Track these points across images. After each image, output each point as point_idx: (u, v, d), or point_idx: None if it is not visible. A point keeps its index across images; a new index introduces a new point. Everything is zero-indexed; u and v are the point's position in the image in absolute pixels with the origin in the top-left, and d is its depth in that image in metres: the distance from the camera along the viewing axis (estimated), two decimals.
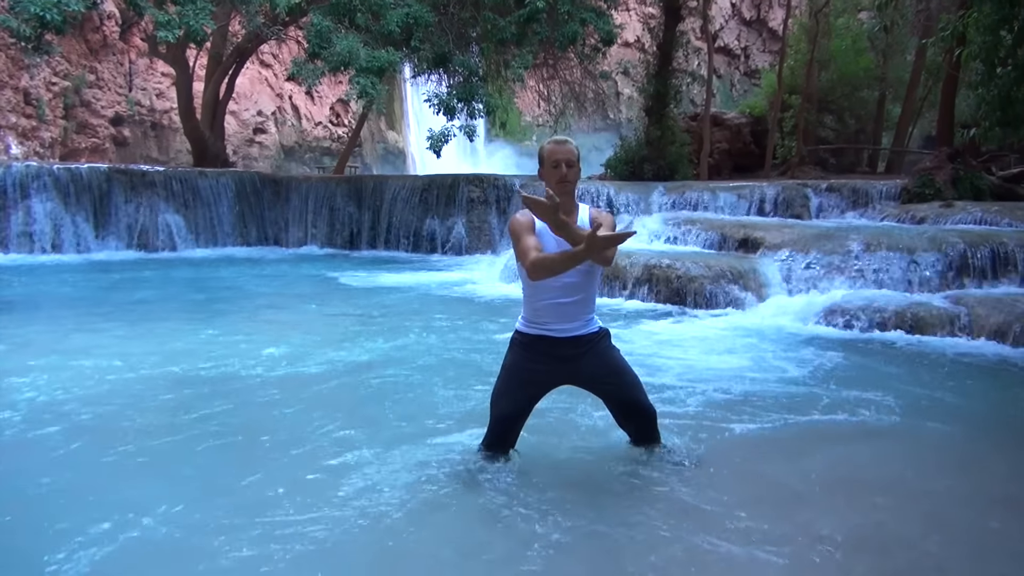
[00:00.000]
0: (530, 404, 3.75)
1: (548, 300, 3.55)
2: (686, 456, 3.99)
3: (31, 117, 21.04)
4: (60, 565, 2.86)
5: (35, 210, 13.75)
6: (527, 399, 3.72)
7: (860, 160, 23.60)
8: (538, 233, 3.41)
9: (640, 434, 3.92)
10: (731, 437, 4.46)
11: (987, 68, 10.16)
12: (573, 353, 3.62)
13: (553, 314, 3.57)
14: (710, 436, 4.43)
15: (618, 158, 17.97)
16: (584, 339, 3.62)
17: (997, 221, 10.68)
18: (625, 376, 3.74)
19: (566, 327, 3.59)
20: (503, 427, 3.75)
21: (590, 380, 3.75)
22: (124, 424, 4.52)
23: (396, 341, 7.06)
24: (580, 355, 3.63)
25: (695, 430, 4.50)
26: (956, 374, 6.32)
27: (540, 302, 3.58)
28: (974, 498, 3.69)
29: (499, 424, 3.75)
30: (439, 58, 16.27)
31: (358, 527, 3.22)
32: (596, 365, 3.66)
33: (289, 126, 29.93)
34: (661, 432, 3.95)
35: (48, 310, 8.85)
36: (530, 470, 3.77)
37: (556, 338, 3.60)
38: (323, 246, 16.87)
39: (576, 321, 3.59)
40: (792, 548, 3.12)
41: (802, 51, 22.68)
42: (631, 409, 3.82)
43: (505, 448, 3.81)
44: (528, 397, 3.72)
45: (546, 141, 3.57)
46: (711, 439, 4.38)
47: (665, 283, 9.57)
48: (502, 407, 3.72)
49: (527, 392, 3.71)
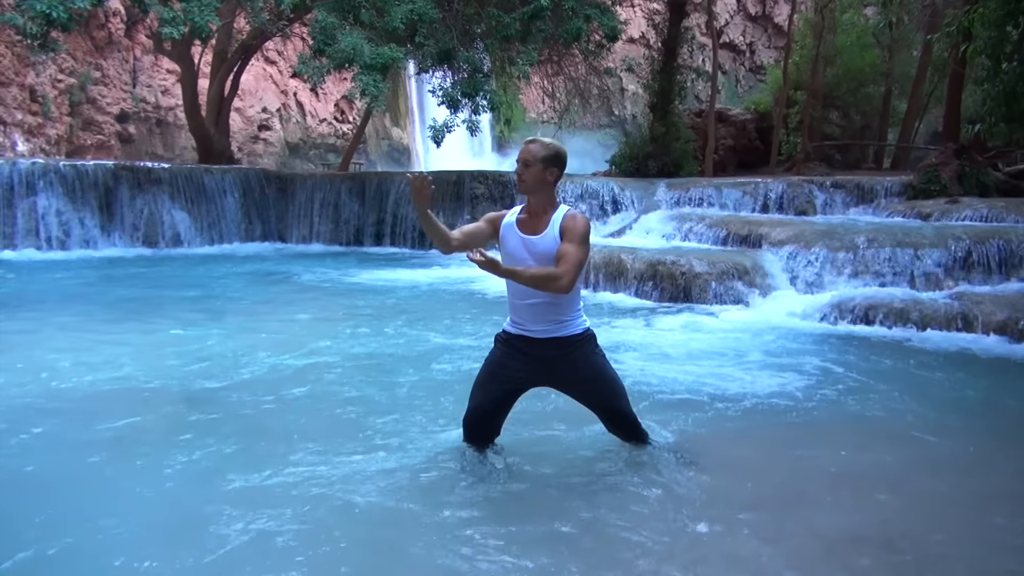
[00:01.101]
0: (505, 400, 3.77)
1: (518, 300, 3.60)
2: (684, 452, 3.99)
3: (37, 114, 21.08)
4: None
5: (41, 207, 13.77)
6: (502, 394, 3.74)
7: (865, 156, 23.53)
8: (502, 228, 3.61)
9: (625, 436, 3.93)
10: (734, 433, 4.47)
11: (993, 64, 10.13)
12: (551, 355, 3.61)
13: (526, 314, 3.60)
14: (712, 432, 4.44)
15: (623, 154, 17.96)
16: (562, 341, 3.59)
17: (1003, 217, 10.65)
18: (602, 383, 3.71)
19: (540, 328, 3.59)
20: (475, 419, 3.81)
21: (566, 384, 3.76)
22: (118, 424, 4.54)
23: (398, 337, 7.07)
24: (557, 357, 3.62)
25: (698, 426, 4.51)
26: (961, 370, 6.31)
27: (512, 300, 3.64)
28: (979, 494, 3.69)
29: (471, 416, 3.82)
30: (443, 54, 16.25)
31: (347, 520, 3.23)
32: (573, 370, 3.65)
33: (294, 123, 29.94)
34: (663, 429, 3.95)
35: (50, 306, 8.89)
36: (524, 463, 3.79)
37: (533, 338, 3.61)
38: (327, 243, 16.87)
39: (549, 323, 3.57)
40: (795, 545, 3.12)
41: (807, 47, 22.61)
42: (609, 416, 3.84)
43: (481, 441, 3.86)
44: (503, 393, 3.74)
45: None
46: (713, 435, 4.38)
47: (669, 280, 9.57)
48: (475, 399, 3.79)
49: (502, 388, 3.73)
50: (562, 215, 3.51)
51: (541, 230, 3.50)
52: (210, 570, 2.86)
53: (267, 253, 15.39)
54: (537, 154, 3.49)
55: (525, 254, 3.53)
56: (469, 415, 3.83)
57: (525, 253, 3.53)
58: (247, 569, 2.85)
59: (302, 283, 11.15)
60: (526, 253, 3.53)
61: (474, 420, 3.83)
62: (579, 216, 3.50)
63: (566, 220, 3.48)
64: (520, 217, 3.61)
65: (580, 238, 3.41)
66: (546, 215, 3.52)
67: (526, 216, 3.59)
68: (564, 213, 3.52)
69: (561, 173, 3.56)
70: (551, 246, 3.46)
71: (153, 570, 2.87)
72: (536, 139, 3.58)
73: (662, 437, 4.17)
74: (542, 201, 3.54)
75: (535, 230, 3.52)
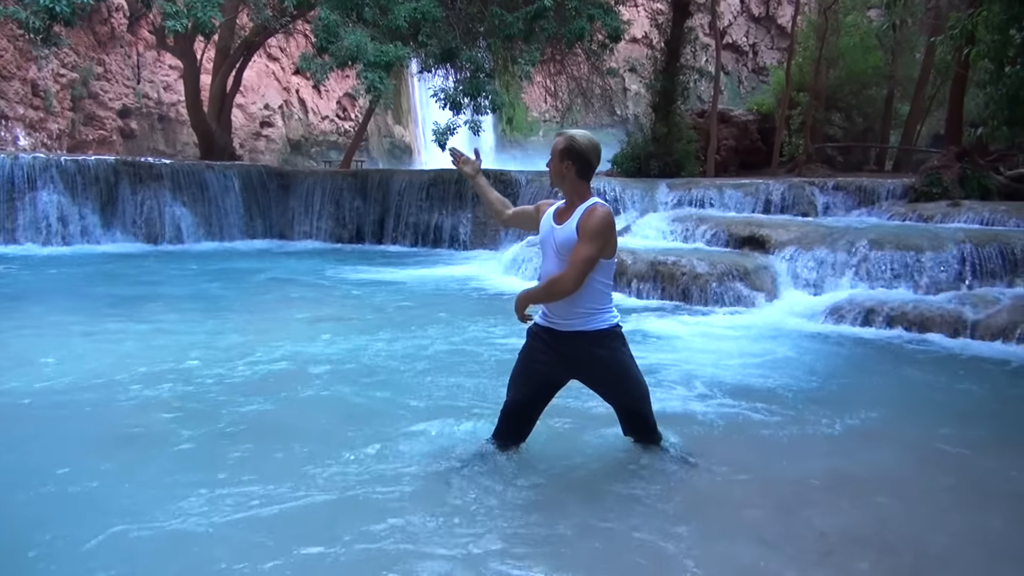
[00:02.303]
0: (540, 395, 3.75)
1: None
2: (688, 454, 3.99)
3: (39, 109, 21.09)
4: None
5: (43, 202, 13.78)
6: (535, 389, 3.73)
7: (868, 158, 23.50)
8: (543, 215, 3.73)
9: (639, 438, 3.93)
10: (733, 434, 4.47)
11: (996, 67, 10.12)
12: (576, 350, 3.61)
13: (555, 305, 3.60)
14: (712, 433, 4.44)
15: (625, 155, 17.92)
16: (588, 336, 3.58)
17: (1004, 221, 10.63)
18: (627, 384, 3.71)
19: (565, 321, 3.59)
20: (512, 411, 3.78)
21: (592, 380, 3.76)
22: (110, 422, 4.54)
23: (400, 335, 7.07)
24: (583, 353, 3.61)
25: (698, 427, 4.51)
26: (961, 373, 6.31)
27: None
28: (978, 497, 3.70)
29: (509, 407, 3.79)
30: (446, 53, 16.24)
31: (355, 515, 3.23)
32: (599, 367, 3.65)
33: (296, 120, 29.95)
34: (664, 429, 3.95)
35: (48, 301, 8.89)
36: (532, 462, 3.78)
37: (559, 331, 3.62)
38: (329, 240, 16.88)
39: (571, 317, 3.57)
40: (794, 546, 3.13)
41: (810, 48, 22.58)
42: (630, 417, 3.85)
43: (515, 438, 3.84)
44: (535, 388, 3.72)
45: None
46: (713, 436, 4.38)
47: (671, 280, 9.57)
48: (511, 394, 3.79)
49: (533, 382, 3.72)
50: (584, 208, 3.51)
51: (565, 220, 3.55)
52: (205, 568, 2.86)
53: (268, 250, 15.40)
54: (557, 147, 3.56)
55: (551, 241, 3.60)
56: (507, 407, 3.81)
57: (551, 240, 3.60)
58: (240, 567, 2.85)
59: (303, 281, 11.15)
60: (551, 240, 3.59)
61: (511, 412, 3.80)
62: (598, 210, 3.46)
63: (584, 214, 3.49)
64: (560, 208, 3.67)
65: (590, 235, 3.41)
66: (574, 207, 3.56)
67: (564, 206, 3.65)
68: (587, 206, 3.51)
69: (581, 165, 3.52)
70: (569, 237, 3.50)
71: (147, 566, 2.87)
72: (564, 131, 3.62)
73: (662, 437, 4.17)
74: (569, 193, 3.59)
75: (563, 220, 3.57)
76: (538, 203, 3.89)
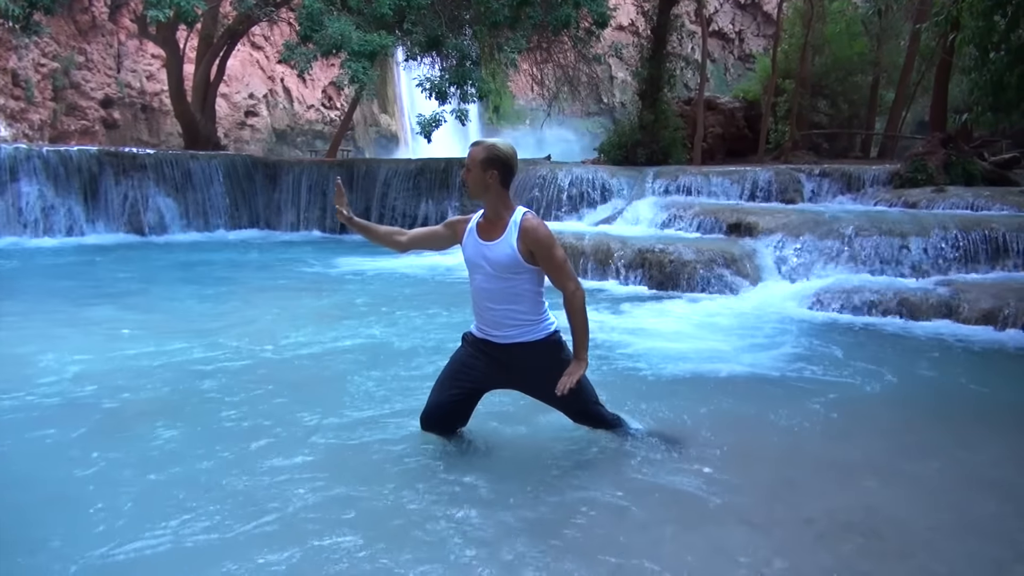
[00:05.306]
0: (465, 399, 3.75)
1: (480, 306, 3.59)
2: (672, 439, 4.00)
3: (19, 99, 20.84)
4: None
5: (25, 193, 13.62)
6: (461, 393, 3.72)
7: (853, 145, 23.60)
8: (465, 233, 3.59)
9: (594, 427, 3.91)
10: (720, 420, 4.47)
11: (980, 53, 10.12)
12: (515, 361, 3.58)
13: (489, 320, 3.57)
14: (698, 419, 4.44)
15: (611, 142, 17.91)
16: (526, 347, 3.55)
17: (989, 206, 10.71)
18: (571, 393, 3.58)
19: (500, 333, 3.56)
20: (431, 416, 3.79)
21: (531, 388, 3.74)
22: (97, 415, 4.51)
23: (381, 327, 7.03)
24: (522, 363, 3.59)
25: (683, 412, 4.52)
26: (947, 359, 6.35)
27: (475, 306, 3.63)
28: (965, 481, 3.72)
29: (428, 412, 3.80)
30: (432, 41, 16.14)
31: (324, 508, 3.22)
32: (539, 377, 3.59)
33: (281, 109, 29.72)
34: (649, 415, 3.96)
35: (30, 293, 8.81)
36: (501, 453, 3.79)
37: (497, 343, 3.59)
38: (315, 230, 16.81)
39: (512, 328, 3.54)
40: (782, 531, 3.14)
41: (796, 35, 22.61)
42: (575, 416, 3.85)
43: (442, 431, 3.82)
44: (463, 392, 3.72)
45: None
46: (699, 422, 4.39)
47: (658, 268, 9.58)
48: (434, 396, 3.78)
49: (463, 387, 3.71)
50: (519, 221, 3.43)
51: (497, 235, 3.45)
52: (199, 561, 2.84)
53: (254, 240, 15.30)
54: (476, 157, 3.42)
55: (481, 260, 3.50)
56: (426, 411, 3.82)
57: (481, 259, 3.50)
58: (227, 562, 2.83)
59: (288, 271, 11.09)
60: (482, 259, 3.49)
61: (430, 417, 3.81)
62: (539, 227, 3.41)
63: (523, 231, 3.40)
64: (479, 222, 3.57)
65: (548, 245, 3.41)
66: (501, 219, 3.47)
67: (484, 221, 3.55)
68: (520, 218, 3.44)
69: (504, 173, 3.43)
70: (506, 253, 3.41)
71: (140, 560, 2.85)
72: (480, 141, 3.51)
73: (648, 423, 4.19)
74: (494, 205, 3.48)
75: (491, 235, 3.47)
76: (447, 220, 3.77)
